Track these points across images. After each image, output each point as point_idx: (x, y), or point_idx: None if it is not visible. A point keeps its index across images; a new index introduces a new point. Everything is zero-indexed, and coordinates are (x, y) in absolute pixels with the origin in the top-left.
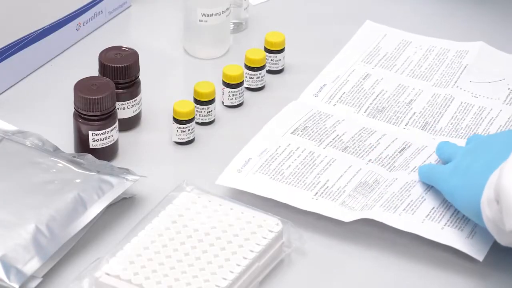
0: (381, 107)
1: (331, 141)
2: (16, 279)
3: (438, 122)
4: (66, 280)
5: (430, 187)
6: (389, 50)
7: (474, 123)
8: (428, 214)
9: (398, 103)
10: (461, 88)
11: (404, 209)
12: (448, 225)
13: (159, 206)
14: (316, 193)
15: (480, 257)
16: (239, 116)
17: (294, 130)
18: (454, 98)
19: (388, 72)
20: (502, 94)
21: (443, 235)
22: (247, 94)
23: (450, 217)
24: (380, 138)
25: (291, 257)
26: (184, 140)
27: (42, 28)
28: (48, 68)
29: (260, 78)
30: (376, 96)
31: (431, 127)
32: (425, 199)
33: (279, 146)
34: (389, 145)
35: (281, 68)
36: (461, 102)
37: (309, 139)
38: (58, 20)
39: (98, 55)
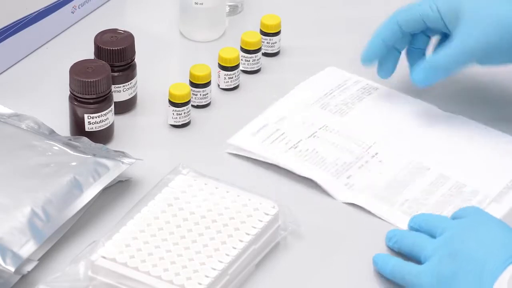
0: None
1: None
2: (12, 262)
3: None
4: (62, 263)
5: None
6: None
7: None
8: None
9: None
10: None
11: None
12: None
13: (155, 189)
14: (328, 170)
15: None
16: (235, 99)
17: (315, 101)
18: None
19: None
20: None
21: None
22: (243, 77)
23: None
24: None
25: (287, 240)
26: (180, 123)
27: (37, 11)
28: (44, 51)
29: (255, 61)
30: None
31: None
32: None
33: (298, 115)
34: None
35: (277, 51)
36: None
37: (329, 111)
38: (53, 3)
39: (93, 38)
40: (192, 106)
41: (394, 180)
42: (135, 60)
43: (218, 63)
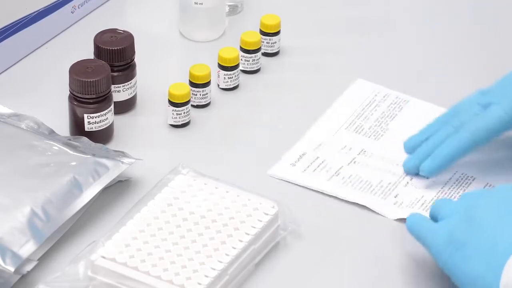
0: None
1: (388, 136)
2: (12, 262)
3: None
4: (61, 263)
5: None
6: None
7: None
8: None
9: None
10: None
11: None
12: None
13: (155, 189)
14: (375, 192)
15: None
16: (235, 99)
17: (349, 125)
18: None
19: None
20: None
21: None
22: (243, 76)
23: None
24: None
25: (287, 240)
26: (179, 123)
27: (37, 11)
28: (43, 51)
29: (255, 61)
30: None
31: None
32: None
33: (335, 141)
34: None
35: (276, 50)
36: None
37: (364, 135)
38: (53, 3)
39: (93, 38)
40: (192, 106)
41: (442, 193)
42: (135, 60)
43: (218, 63)
